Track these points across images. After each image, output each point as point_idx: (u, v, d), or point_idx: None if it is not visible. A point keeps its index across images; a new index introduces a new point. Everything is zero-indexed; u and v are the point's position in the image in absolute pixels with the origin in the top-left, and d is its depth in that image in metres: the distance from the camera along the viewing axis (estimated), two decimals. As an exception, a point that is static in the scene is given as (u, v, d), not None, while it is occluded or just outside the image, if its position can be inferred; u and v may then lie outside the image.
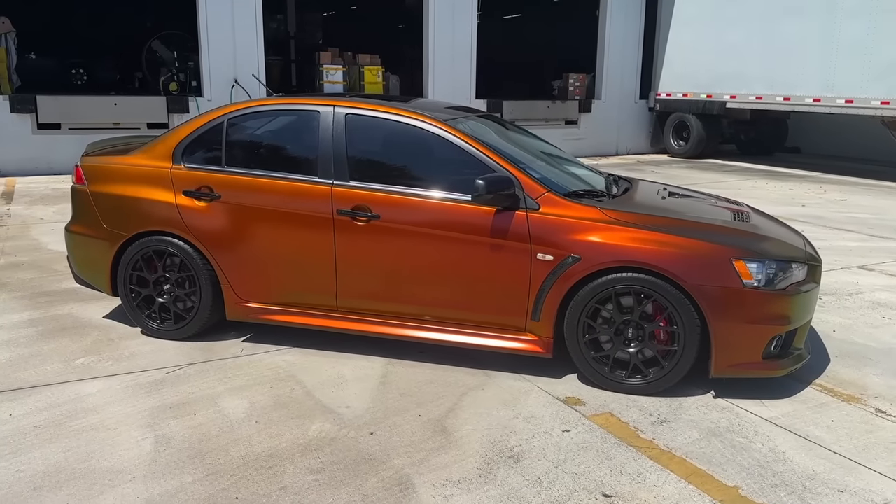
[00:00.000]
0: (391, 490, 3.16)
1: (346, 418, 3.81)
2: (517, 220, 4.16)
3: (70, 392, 4.06)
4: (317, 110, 4.60)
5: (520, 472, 3.31)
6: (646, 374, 4.09)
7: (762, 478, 3.30)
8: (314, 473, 3.28)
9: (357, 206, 4.37)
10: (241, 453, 3.45)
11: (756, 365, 4.01)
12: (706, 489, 3.20)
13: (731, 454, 3.50)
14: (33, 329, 5.00)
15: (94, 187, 4.89)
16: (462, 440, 3.59)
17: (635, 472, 3.33)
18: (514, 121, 15.25)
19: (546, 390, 4.17)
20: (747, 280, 3.92)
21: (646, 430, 3.73)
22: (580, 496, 3.14)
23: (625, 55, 16.63)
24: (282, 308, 4.64)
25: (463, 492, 3.15)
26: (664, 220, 4.19)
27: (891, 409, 4.00)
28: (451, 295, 4.34)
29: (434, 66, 14.65)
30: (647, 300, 4.01)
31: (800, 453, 3.52)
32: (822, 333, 5.17)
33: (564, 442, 3.59)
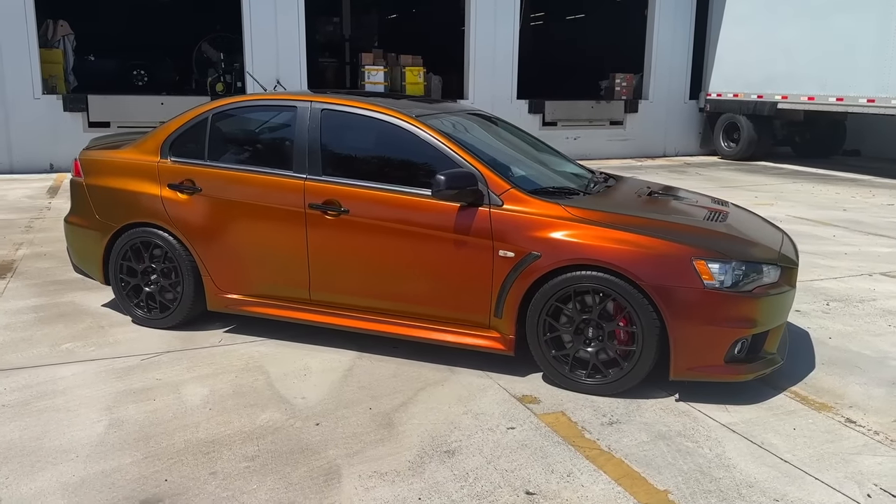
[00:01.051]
0: (317, 480, 3.19)
1: (297, 409, 3.86)
2: (480, 216, 4.14)
3: (46, 375, 4.24)
4: (295, 106, 4.68)
5: (450, 467, 3.30)
6: (605, 375, 4.01)
7: (697, 483, 3.20)
8: (248, 461, 3.35)
9: (328, 200, 4.43)
10: (186, 438, 3.54)
11: (718, 368, 3.89)
12: (634, 492, 3.13)
13: (673, 458, 3.41)
14: (34, 315, 5.23)
15: (89, 180, 5.09)
16: (403, 434, 3.60)
17: (566, 472, 3.27)
18: (557, 122, 15.22)
19: (505, 388, 4.13)
20: (708, 281, 3.81)
21: (593, 430, 3.66)
22: (503, 493, 3.11)
23: (674, 54, 16.28)
24: (259, 300, 4.73)
25: (387, 484, 3.16)
26: (629, 218, 4.10)
27: (862, 419, 3.82)
28: (418, 290, 4.35)
29: (475, 67, 14.65)
30: (606, 299, 3.94)
31: (747, 460, 3.40)
32: (817, 340, 4.97)
33: (505, 439, 3.56)
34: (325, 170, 4.50)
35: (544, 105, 15.33)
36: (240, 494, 3.08)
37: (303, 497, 3.06)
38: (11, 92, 11.94)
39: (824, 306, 5.70)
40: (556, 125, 15.57)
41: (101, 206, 5.02)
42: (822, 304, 5.74)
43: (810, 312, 5.54)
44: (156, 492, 3.09)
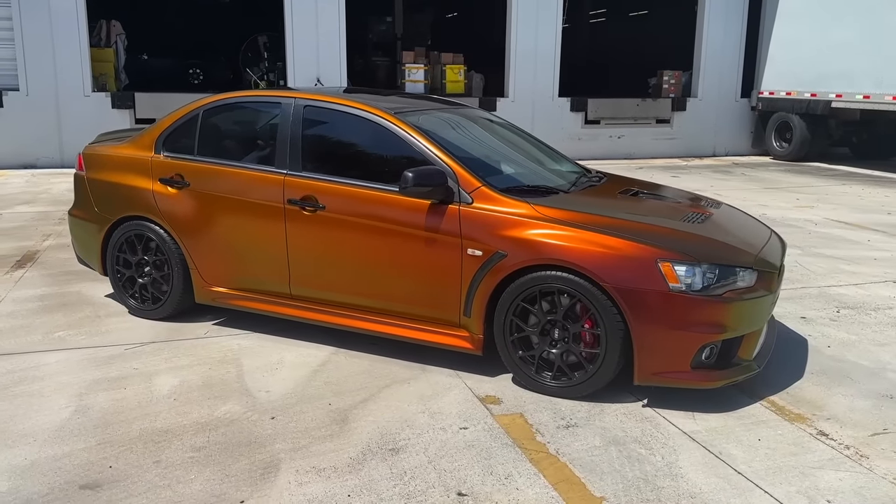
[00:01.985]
0: (254, 473, 3.22)
1: (258, 402, 3.91)
2: (449, 213, 4.11)
3: (32, 361, 4.39)
4: (279, 102, 4.73)
5: (390, 466, 3.28)
6: (570, 378, 3.93)
7: (637, 492, 3.11)
8: (195, 451, 3.40)
9: (305, 196, 4.46)
10: (142, 427, 3.62)
11: (685, 374, 3.77)
12: (568, 497, 3.05)
13: (621, 465, 3.31)
14: (38, 303, 5.43)
15: (90, 174, 5.26)
16: (355, 431, 3.60)
17: (506, 474, 3.22)
18: (600, 120, 14.99)
19: (471, 387, 4.09)
20: (673, 283, 3.69)
21: (546, 433, 3.59)
22: (434, 493, 3.08)
23: (725, 51, 15.81)
24: (242, 294, 4.80)
25: (322, 480, 3.17)
26: (599, 218, 4.00)
27: (836, 433, 3.64)
28: (392, 287, 4.34)
29: (515, 64, 14.53)
30: (571, 300, 3.85)
31: (698, 470, 3.28)
32: (814, 348, 4.76)
33: (454, 439, 3.52)
34: (305, 165, 4.54)
35: (587, 103, 15.10)
36: (175, 484, 3.13)
37: (234, 489, 3.09)
38: (63, 89, 12.42)
39: (834, 313, 5.45)
40: (598, 123, 15.32)
41: (100, 199, 5.18)
42: (832, 311, 5.49)
43: (816, 319, 5.31)
44: (97, 478, 3.17)
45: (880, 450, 3.48)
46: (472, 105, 14.00)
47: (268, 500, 3.02)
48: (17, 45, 12.12)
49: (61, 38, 12.26)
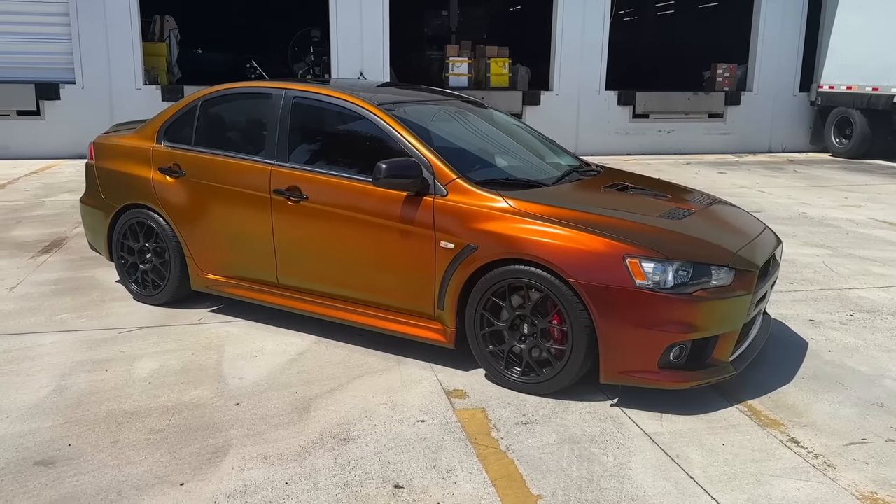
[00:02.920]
0: (202, 457, 3.27)
1: (228, 388, 3.97)
2: (424, 205, 4.09)
3: (28, 341, 4.57)
4: (270, 93, 4.79)
5: (336, 456, 3.29)
6: (539, 374, 3.87)
7: (578, 492, 3.03)
8: (153, 433, 3.48)
9: (290, 186, 4.50)
10: (111, 408, 3.73)
11: (651, 374, 3.66)
12: (504, 494, 3.00)
13: (569, 463, 3.24)
14: (52, 287, 5.65)
15: (99, 163, 5.43)
16: (312, 420, 3.62)
17: (448, 468, 3.19)
18: (648, 114, 14.68)
19: (441, 381, 4.07)
20: (640, 280, 3.58)
21: (503, 429, 3.54)
22: (371, 484, 3.07)
23: (783, 43, 15.24)
24: (234, 282, 4.89)
25: (264, 466, 3.20)
26: (572, 213, 3.90)
27: (810, 440, 3.48)
28: (371, 279, 4.35)
29: (561, 57, 14.34)
30: (539, 295, 3.79)
31: (648, 473, 3.18)
32: (813, 352, 4.56)
33: (408, 431, 3.51)
34: (292, 156, 4.58)
35: (635, 96, 14.80)
36: (124, 464, 3.21)
37: (178, 472, 3.15)
38: (116, 82, 12.86)
39: (846, 316, 5.20)
40: (647, 117, 15.00)
41: (106, 187, 5.35)
42: (846, 315, 5.24)
43: (825, 322, 5.08)
44: (54, 455, 3.28)
45: (851, 460, 3.31)
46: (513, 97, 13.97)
47: (206, 483, 3.07)
48: (74, 40, 12.61)
49: (115, 34, 12.70)
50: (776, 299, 5.53)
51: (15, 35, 12.45)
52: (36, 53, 12.58)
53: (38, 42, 12.58)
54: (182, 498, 2.97)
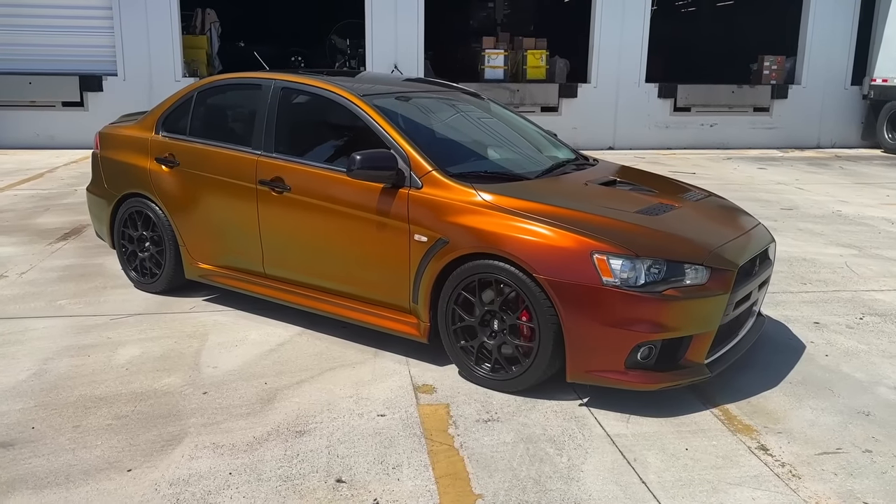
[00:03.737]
0: (156, 444, 3.30)
1: (201, 376, 4.00)
2: (399, 198, 4.05)
3: (21, 325, 4.69)
4: (260, 84, 4.80)
5: (286, 448, 3.28)
6: (508, 371, 3.79)
7: (521, 493, 2.96)
8: (116, 419, 3.53)
9: (275, 177, 4.51)
10: (83, 393, 3.79)
11: (618, 374, 3.54)
12: (444, 492, 2.95)
13: (519, 463, 3.17)
14: (60, 273, 5.79)
15: (103, 153, 5.54)
16: (274, 410, 3.62)
17: (395, 464, 3.15)
18: (690, 107, 14.33)
19: (413, 375, 4.03)
20: (607, 278, 3.47)
21: (461, 426, 3.48)
22: (314, 477, 3.05)
23: (834, 34, 14.66)
24: (224, 271, 4.92)
25: (214, 456, 3.21)
26: (545, 207, 3.80)
27: (781, 448, 3.33)
28: (350, 271, 4.33)
29: (599, 48, 14.07)
30: (507, 291, 3.71)
31: (599, 476, 3.08)
32: (809, 356, 4.36)
33: (366, 425, 3.48)
34: (277, 147, 4.59)
35: (676, 89, 14.43)
36: (80, 448, 3.26)
37: (129, 458, 3.18)
38: (156, 74, 13.14)
39: (854, 320, 4.97)
40: (689, 111, 14.63)
41: (109, 176, 5.45)
42: (854, 318, 5.01)
43: (830, 325, 4.86)
44: (16, 437, 3.35)
45: (819, 470, 3.15)
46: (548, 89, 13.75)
47: (153, 470, 3.09)
48: (116, 33, 12.93)
49: (155, 27, 12.96)
50: (783, 300, 5.32)
51: (60, 28, 12.83)
52: (80, 46, 12.94)
53: (82, 35, 12.94)
54: (126, 483, 3.00)
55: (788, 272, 6.07)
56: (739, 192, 9.79)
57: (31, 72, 12.83)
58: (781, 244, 6.96)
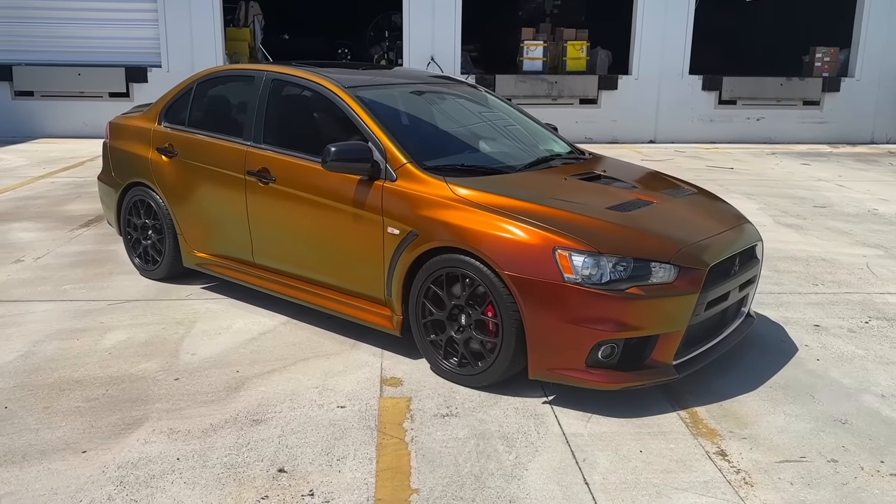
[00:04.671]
0: (115, 428, 3.38)
1: (177, 363, 4.08)
2: (374, 190, 4.05)
3: (22, 308, 4.86)
4: (253, 75, 4.86)
5: (239, 436, 3.32)
6: (474, 366, 3.76)
7: (458, 489, 2.93)
8: (85, 402, 3.63)
9: (262, 168, 4.56)
10: (61, 375, 3.91)
11: (579, 372, 3.48)
12: (381, 486, 2.95)
13: (465, 459, 3.14)
14: (73, 259, 5.98)
15: (111, 142, 5.69)
16: (238, 399, 3.67)
17: (341, 456, 3.16)
18: (736, 100, 13.94)
19: (384, 368, 4.03)
20: (568, 274, 3.40)
21: (418, 420, 3.47)
22: (257, 466, 3.08)
23: (891, 24, 14.01)
24: (218, 260, 5.01)
25: (167, 441, 3.27)
26: (515, 202, 3.73)
27: (741, 454, 3.22)
28: (331, 262, 4.36)
29: (641, 39, 13.78)
30: (473, 286, 3.67)
31: (542, 475, 3.04)
32: (799, 359, 4.21)
33: (323, 417, 3.50)
34: (266, 138, 4.63)
35: (721, 81, 14.03)
36: (44, 429, 3.36)
37: (87, 440, 3.27)
38: (199, 66, 13.32)
39: (859, 323, 4.77)
40: (734, 104, 14.20)
41: (116, 165, 5.60)
42: (860, 321, 4.80)
43: (830, 328, 4.67)
44: (-12, 416, 3.48)
45: (776, 479, 3.03)
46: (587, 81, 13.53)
47: (106, 453, 3.17)
48: (160, 25, 13.24)
49: (198, 19, 13.23)
50: (788, 301, 5.14)
51: (108, 21, 13.21)
52: (126, 39, 13.30)
53: (128, 28, 13.30)
54: (77, 464, 3.08)
55: (802, 272, 5.86)
56: (774, 188, 9.50)
57: (80, 63, 13.24)
58: (802, 243, 6.72)
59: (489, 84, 13.64)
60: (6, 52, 13.23)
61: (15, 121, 13.22)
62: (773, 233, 7.12)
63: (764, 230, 7.17)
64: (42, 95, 13.29)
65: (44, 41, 13.24)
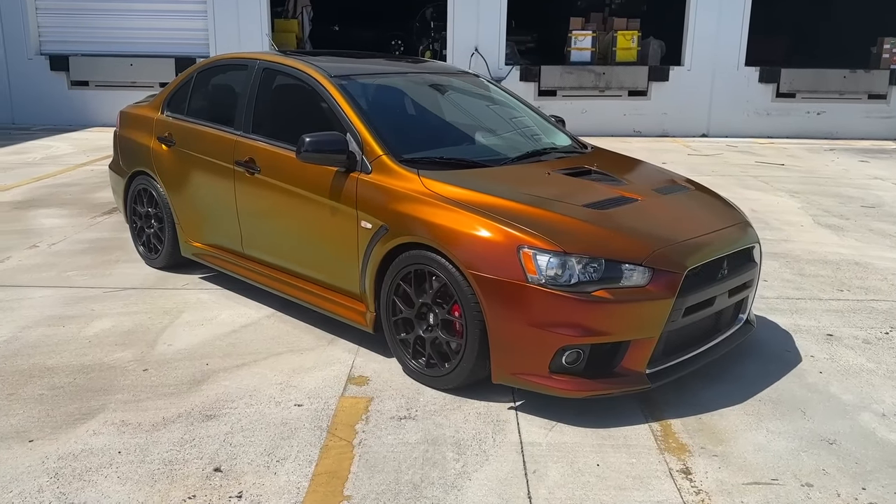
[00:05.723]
0: (69, 418, 3.36)
1: (152, 353, 4.06)
2: (349, 182, 3.93)
3: (23, 294, 4.93)
4: (246, 64, 4.80)
5: (187, 431, 3.26)
6: (441, 367, 3.61)
7: (392, 498, 2.80)
8: (50, 390, 3.63)
9: (249, 158, 4.50)
10: (35, 362, 3.93)
11: (542, 378, 3.29)
12: (313, 491, 2.83)
13: (409, 466, 3.00)
14: (86, 245, 6.06)
15: (120, 131, 5.73)
16: (199, 392, 3.62)
17: (282, 457, 3.06)
18: (795, 93, 13.34)
19: (356, 365, 3.92)
20: (531, 275, 3.22)
21: (373, 422, 3.34)
22: (195, 464, 3.01)
23: (969, 14, 13.15)
24: (212, 250, 4.98)
25: (115, 433, 3.23)
26: (484, 198, 3.55)
27: (705, 473, 2.98)
28: (312, 255, 4.27)
29: (694, 28, 13.27)
30: (440, 284, 3.52)
31: (485, 487, 2.87)
32: (799, 371, 3.91)
33: (275, 415, 3.40)
34: (255, 128, 4.57)
35: (779, 73, 13.40)
36: (1, 416, 3.37)
37: (38, 429, 3.26)
38: (245, 57, 13.54)
39: (880, 333, 4.42)
40: (793, 97, 13.55)
41: (123, 154, 5.64)
42: (881, 331, 4.45)
43: (844, 338, 4.34)
44: (-48, 401, 3.51)
45: (739, 502, 2.79)
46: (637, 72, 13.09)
47: (52, 443, 3.15)
48: (209, 16, 13.43)
49: (245, 10, 13.36)
50: (805, 307, 4.82)
51: (159, 13, 13.47)
52: (176, 30, 13.53)
53: (178, 19, 13.53)
54: (20, 453, 3.07)
55: (830, 276, 5.48)
56: (823, 185, 9.00)
57: (132, 54, 13.54)
58: (838, 245, 6.32)
59: (534, 75, 13.39)
60: (64, 44, 13.64)
61: (71, 110, 13.61)
62: (809, 234, 6.72)
63: (800, 231, 6.79)
64: (96, 85, 13.64)
65: (99, 32, 13.59)
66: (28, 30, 13.49)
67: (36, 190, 8.16)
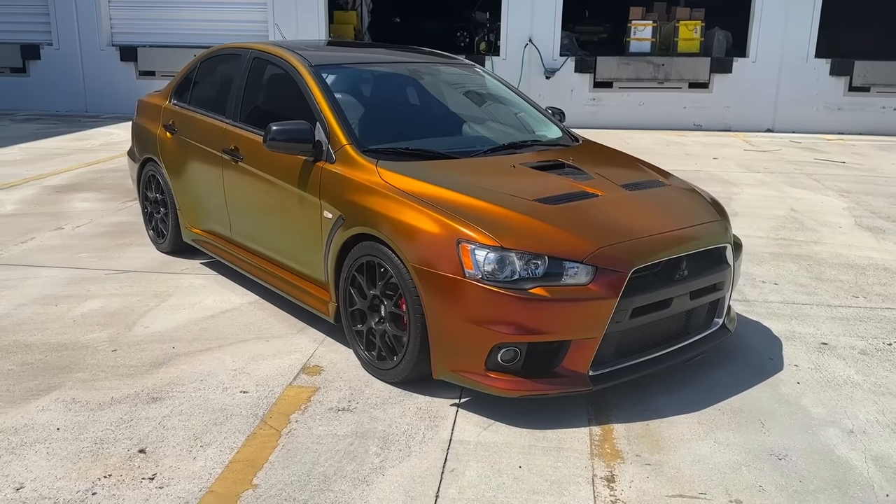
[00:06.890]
0: (26, 393, 3.49)
1: (128, 335, 4.17)
2: (315, 171, 3.93)
3: (27, 273, 5.15)
4: (240, 53, 4.86)
5: (128, 412, 3.32)
6: (388, 360, 3.57)
7: (298, 489, 2.78)
8: (19, 366, 3.77)
9: (234, 146, 4.56)
10: (17, 339, 4.09)
11: (479, 376, 3.21)
12: (223, 477, 2.84)
13: (328, 458, 2.98)
14: (106, 228, 6.29)
15: (136, 119, 5.91)
16: (157, 375, 3.69)
17: (206, 443, 3.08)
18: (869, 86, 12.66)
19: (317, 355, 3.92)
20: (469, 269, 3.14)
21: (309, 411, 3.34)
22: (121, 445, 3.06)
23: None
24: (208, 236, 5.08)
25: (62, 411, 3.33)
26: (435, 191, 3.47)
27: (631, 482, 2.84)
28: (283, 243, 4.30)
29: (761, 17, 12.69)
30: (388, 275, 3.48)
31: (397, 483, 2.82)
32: (777, 381, 3.69)
33: (218, 401, 3.44)
34: (243, 116, 4.63)
35: (853, 65, 12.67)
36: (-35, 390, 3.53)
37: (-8, 403, 3.39)
38: (303, 47, 13.76)
39: (880, 345, 4.12)
40: (867, 91, 12.80)
41: (137, 141, 5.81)
42: (882, 343, 4.15)
43: (840, 348, 4.07)
44: (-72, 373, 3.70)
45: (654, 515, 2.65)
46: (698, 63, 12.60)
47: (1, 416, 3.27)
48: (268, 7, 13.70)
49: (304, 2, 13.56)
50: (809, 313, 4.54)
51: (220, 4, 13.85)
52: (237, 21, 13.87)
53: (239, 11, 13.87)
54: (-33, 427, 3.20)
55: (849, 282, 5.15)
56: (879, 185, 8.49)
57: (195, 45, 13.88)
58: (872, 249, 5.94)
59: (590, 66, 13.10)
60: (133, 35, 14.20)
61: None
62: (845, 236, 6.33)
63: (836, 232, 6.41)
64: (162, 75, 14.09)
65: (165, 24, 14.08)
66: (101, 22, 14.09)
67: (82, 175, 8.51)
